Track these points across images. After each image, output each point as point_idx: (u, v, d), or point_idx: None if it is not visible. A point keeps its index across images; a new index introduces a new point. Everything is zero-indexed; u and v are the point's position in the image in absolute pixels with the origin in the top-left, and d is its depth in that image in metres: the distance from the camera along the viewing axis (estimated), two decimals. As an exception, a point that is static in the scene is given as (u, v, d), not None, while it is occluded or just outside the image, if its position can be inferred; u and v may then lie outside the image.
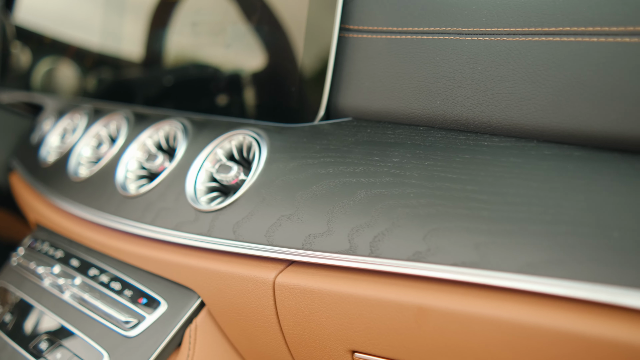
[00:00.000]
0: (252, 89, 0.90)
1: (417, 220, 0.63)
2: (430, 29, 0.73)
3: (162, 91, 1.04)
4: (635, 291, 0.49)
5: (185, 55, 1.01)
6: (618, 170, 0.57)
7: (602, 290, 0.50)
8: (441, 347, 0.61)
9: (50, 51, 1.34)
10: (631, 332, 0.49)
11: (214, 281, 0.79)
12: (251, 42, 0.90)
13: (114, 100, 1.13)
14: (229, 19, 0.92)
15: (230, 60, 0.93)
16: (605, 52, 0.59)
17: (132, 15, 1.11)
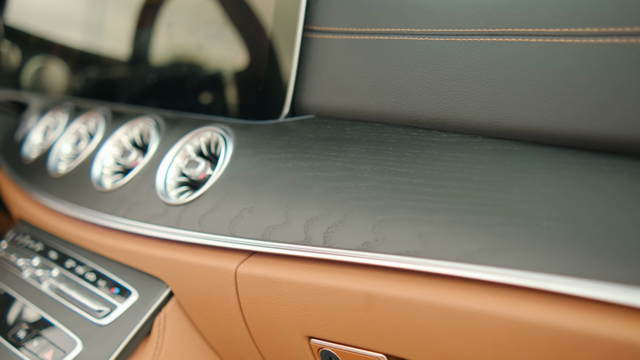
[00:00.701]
0: (222, 88, 0.93)
1: (367, 212, 0.66)
2: (386, 30, 0.76)
3: (138, 90, 1.07)
4: (561, 277, 0.52)
5: (160, 56, 1.03)
6: (551, 164, 0.59)
7: (530, 277, 0.53)
8: (387, 331, 0.63)
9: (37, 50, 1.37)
10: (555, 315, 0.52)
11: (181, 271, 0.81)
12: (221, 43, 0.93)
13: (95, 99, 1.16)
14: (200, 21, 0.95)
15: (201, 60, 0.95)
16: (542, 52, 0.62)
17: (111, 17, 1.13)
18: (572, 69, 0.59)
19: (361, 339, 0.66)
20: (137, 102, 1.06)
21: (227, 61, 0.92)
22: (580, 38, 0.59)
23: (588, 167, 0.57)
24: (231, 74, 0.91)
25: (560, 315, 0.51)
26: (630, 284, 0.48)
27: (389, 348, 0.65)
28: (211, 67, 0.94)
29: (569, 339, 0.50)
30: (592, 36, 0.59)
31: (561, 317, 0.51)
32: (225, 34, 0.92)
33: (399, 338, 0.63)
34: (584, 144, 0.59)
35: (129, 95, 1.08)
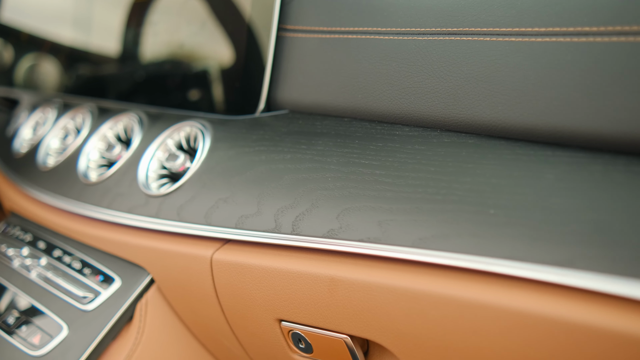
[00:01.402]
0: (201, 85, 0.96)
1: (332, 201, 0.69)
2: (354, 29, 0.79)
3: (123, 86, 1.10)
4: (504, 260, 0.55)
5: (143, 54, 1.06)
6: (501, 156, 0.63)
7: (476, 260, 0.57)
8: (350, 314, 0.67)
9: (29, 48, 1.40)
10: (498, 295, 0.55)
11: (161, 259, 0.85)
12: (200, 42, 0.96)
13: (82, 95, 1.19)
14: (182, 21, 0.98)
15: (182, 58, 0.99)
16: (494, 50, 0.65)
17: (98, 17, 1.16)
18: (520, 66, 0.63)
19: (327, 321, 0.70)
20: (122, 98, 1.09)
21: (207, 59, 0.95)
22: (529, 37, 0.63)
23: (533, 158, 0.61)
24: (210, 71, 0.94)
25: (503, 295, 0.55)
26: (565, 266, 0.51)
27: (352, 329, 0.68)
28: (191, 64, 0.97)
29: (510, 316, 0.54)
30: (539, 35, 0.62)
31: (504, 297, 0.55)
32: (205, 33, 0.95)
33: (361, 320, 0.66)
34: (531, 137, 0.63)
35: (114, 92, 1.12)
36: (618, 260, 0.49)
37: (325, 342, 0.72)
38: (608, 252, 0.49)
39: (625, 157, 0.56)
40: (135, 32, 1.07)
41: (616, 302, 0.49)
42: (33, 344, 0.89)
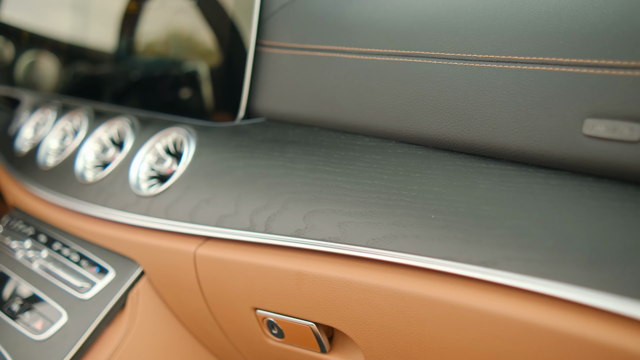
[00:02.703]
0: (187, 93, 1.04)
1: (300, 204, 0.77)
2: (322, 47, 0.87)
3: (116, 91, 1.18)
4: (440, 260, 0.63)
5: (135, 61, 1.14)
6: (444, 167, 0.71)
7: (417, 259, 0.65)
8: (315, 304, 0.75)
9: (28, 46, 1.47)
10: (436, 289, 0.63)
11: (150, 253, 0.93)
12: (186, 53, 1.04)
13: (79, 97, 1.27)
14: (169, 33, 1.06)
15: (170, 68, 1.06)
16: (439, 72, 0.73)
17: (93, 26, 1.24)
18: (461, 88, 0.71)
19: (295, 310, 0.78)
20: (115, 101, 1.17)
21: (192, 70, 1.03)
22: (468, 62, 0.71)
23: (470, 170, 0.69)
24: (195, 81, 1.02)
25: (439, 289, 0.63)
26: (488, 265, 0.60)
27: (317, 317, 0.77)
28: (178, 74, 1.05)
29: (444, 307, 0.62)
30: (477, 61, 0.70)
31: (439, 291, 0.63)
32: (191, 46, 1.03)
33: (324, 309, 0.75)
34: (469, 150, 0.71)
35: (108, 95, 1.19)
36: (531, 262, 0.57)
37: (295, 329, 0.80)
38: (524, 254, 0.58)
39: (544, 171, 0.64)
40: (127, 41, 1.15)
41: (529, 297, 0.57)
42: (35, 329, 0.98)
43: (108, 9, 1.19)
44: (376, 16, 0.82)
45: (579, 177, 0.61)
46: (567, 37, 0.63)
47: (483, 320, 0.60)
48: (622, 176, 0.58)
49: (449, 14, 0.75)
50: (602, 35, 0.60)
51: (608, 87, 0.58)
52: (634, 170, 0.56)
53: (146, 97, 1.10)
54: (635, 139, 0.56)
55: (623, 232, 0.54)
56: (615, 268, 0.52)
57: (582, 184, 0.60)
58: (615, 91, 0.58)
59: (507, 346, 0.58)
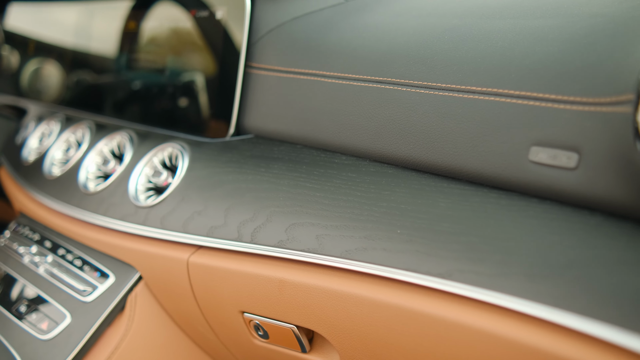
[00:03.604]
0: (182, 110, 1.11)
1: (282, 217, 0.84)
2: (304, 71, 0.94)
3: (117, 106, 1.25)
4: (403, 271, 0.70)
5: (133, 78, 1.21)
6: (411, 185, 0.78)
7: (384, 270, 0.72)
8: (295, 308, 0.83)
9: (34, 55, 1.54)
10: (399, 296, 0.71)
11: (147, 260, 1.01)
12: (181, 73, 1.11)
13: (82, 109, 1.34)
14: (165, 53, 1.13)
15: (166, 85, 1.13)
16: (408, 99, 0.80)
17: (94, 41, 1.31)
18: (426, 114, 0.78)
19: (278, 314, 0.86)
20: (115, 115, 1.24)
21: (187, 88, 1.10)
22: (433, 90, 0.77)
23: (433, 189, 0.76)
24: (189, 99, 1.09)
25: (403, 297, 0.70)
26: (444, 277, 0.67)
27: (297, 320, 0.84)
28: (174, 91, 1.12)
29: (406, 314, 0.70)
30: (440, 89, 0.77)
31: (403, 299, 0.70)
32: (186, 66, 1.10)
33: (303, 313, 0.82)
34: (433, 170, 0.78)
35: (108, 109, 1.27)
36: (480, 274, 0.64)
37: (278, 331, 0.88)
38: (474, 268, 0.65)
39: (497, 192, 0.71)
40: (127, 58, 1.22)
41: (479, 306, 0.65)
42: (41, 329, 1.05)
43: (107, 27, 1.26)
44: (353, 43, 0.89)
45: (526, 198, 0.68)
46: (518, 71, 0.70)
47: (439, 326, 0.67)
48: (560, 198, 0.65)
49: (418, 44, 0.82)
50: (547, 71, 0.67)
51: (551, 118, 0.65)
52: (570, 194, 0.63)
53: (144, 112, 1.18)
54: (572, 166, 0.63)
55: (558, 249, 0.61)
56: (550, 281, 0.59)
57: (528, 204, 0.67)
58: (556, 123, 0.65)
59: (460, 349, 0.66)
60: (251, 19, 1.01)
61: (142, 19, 1.18)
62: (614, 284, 0.56)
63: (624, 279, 0.55)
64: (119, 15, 1.24)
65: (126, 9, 1.23)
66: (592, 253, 0.59)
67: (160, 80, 1.13)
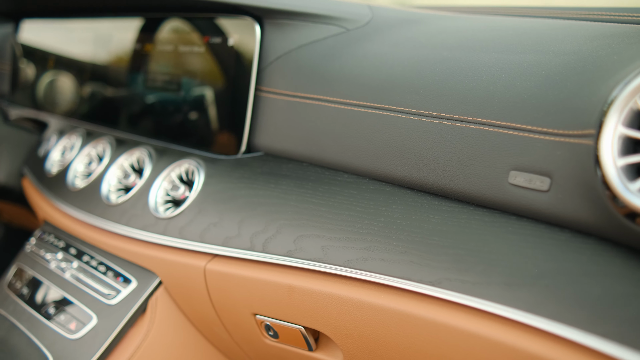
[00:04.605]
0: (197, 128, 1.20)
1: (291, 229, 0.93)
2: (311, 95, 1.03)
3: (136, 123, 1.34)
4: (399, 279, 0.79)
5: (153, 98, 1.30)
6: (406, 202, 0.87)
7: (382, 278, 0.81)
8: (303, 311, 0.92)
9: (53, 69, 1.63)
10: (397, 301, 0.80)
11: (167, 267, 1.10)
12: (196, 94, 1.20)
13: (101, 124, 1.43)
14: (182, 75, 1.22)
15: (183, 106, 1.22)
16: (402, 125, 0.89)
17: (114, 61, 1.40)
18: (418, 139, 0.87)
19: (287, 316, 0.95)
20: (136, 132, 1.33)
21: (202, 108, 1.19)
22: (425, 118, 0.86)
23: (426, 205, 0.85)
24: (204, 118, 1.18)
25: (398, 302, 0.79)
26: (435, 285, 0.76)
27: (304, 322, 0.93)
28: (190, 112, 1.21)
29: (400, 316, 0.79)
30: (431, 117, 0.85)
31: (398, 303, 0.79)
32: (200, 88, 1.19)
33: (310, 316, 0.91)
34: (425, 189, 0.87)
35: (130, 126, 1.36)
36: (466, 283, 0.73)
37: (287, 331, 0.97)
38: (460, 277, 0.74)
39: (481, 210, 0.80)
40: (145, 77, 1.31)
41: (464, 310, 0.74)
42: (70, 329, 1.14)
43: (126, 47, 1.35)
44: (355, 72, 0.98)
45: (506, 216, 0.77)
46: (500, 103, 0.79)
47: (430, 327, 0.76)
48: (536, 217, 0.74)
49: (412, 75, 0.91)
50: (525, 104, 0.76)
51: (527, 147, 0.74)
52: (544, 213, 0.72)
53: (162, 129, 1.27)
54: (545, 189, 0.72)
55: (533, 261, 0.70)
56: (525, 289, 0.68)
57: (507, 221, 0.76)
58: (531, 151, 0.74)
59: (448, 347, 0.75)
60: (260, 46, 1.09)
61: (158, 41, 1.27)
62: (578, 292, 0.65)
63: (586, 288, 0.64)
64: (136, 36, 1.33)
65: (143, 31, 1.31)
66: (561, 265, 0.68)
67: (177, 100, 1.22)
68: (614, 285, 0.63)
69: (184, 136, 1.20)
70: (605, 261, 0.66)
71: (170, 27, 1.25)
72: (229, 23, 1.12)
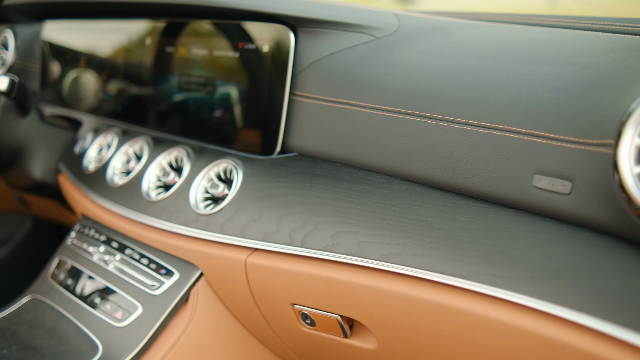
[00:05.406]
0: (235, 129, 1.28)
1: (328, 226, 1.02)
2: (344, 100, 1.11)
3: (174, 123, 1.42)
4: (432, 272, 0.88)
5: (189, 98, 1.38)
6: (436, 202, 0.95)
7: (415, 271, 0.89)
8: (339, 301, 1.00)
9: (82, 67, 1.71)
10: (429, 292, 0.88)
11: (209, 260, 1.18)
12: (233, 97, 1.28)
13: (135, 123, 1.51)
14: (218, 78, 1.30)
15: (220, 108, 1.31)
16: (432, 130, 0.97)
17: (150, 63, 1.48)
18: (448, 143, 0.94)
19: (324, 305, 1.03)
20: (174, 132, 1.42)
21: (239, 111, 1.27)
22: (454, 124, 0.94)
23: (456, 205, 0.93)
24: (242, 120, 1.27)
25: (431, 293, 0.88)
26: (465, 278, 0.84)
27: (340, 311, 1.02)
28: (228, 114, 1.29)
29: (434, 306, 0.87)
30: (460, 124, 0.93)
31: (431, 294, 0.88)
32: (238, 92, 1.27)
33: (346, 305, 1.00)
34: (454, 190, 0.95)
35: (168, 126, 1.44)
36: (494, 276, 0.82)
37: (324, 319, 1.05)
38: (489, 271, 0.82)
39: (507, 210, 0.88)
40: (181, 80, 1.39)
41: (492, 301, 0.82)
42: (117, 318, 1.23)
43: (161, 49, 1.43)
44: (385, 79, 1.06)
45: (530, 215, 0.85)
46: (524, 112, 0.87)
47: (461, 316, 0.84)
48: (558, 217, 0.82)
49: (441, 83, 0.99)
50: (548, 114, 0.84)
51: (550, 153, 0.82)
52: (565, 214, 0.81)
53: (201, 130, 1.35)
54: (566, 192, 0.80)
55: (555, 258, 0.78)
56: (549, 283, 0.77)
57: (532, 221, 0.84)
58: (554, 157, 0.82)
59: (477, 334, 0.83)
60: (294, 53, 1.17)
61: (192, 44, 1.35)
62: (597, 286, 0.73)
63: (604, 282, 0.73)
64: (170, 38, 1.40)
65: (177, 34, 1.39)
66: (581, 261, 0.76)
67: (213, 102, 1.30)
68: (629, 279, 0.71)
69: (221, 136, 1.29)
70: (621, 258, 0.74)
71: (204, 31, 1.33)
72: (264, 30, 1.20)
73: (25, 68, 1.97)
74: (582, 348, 0.72)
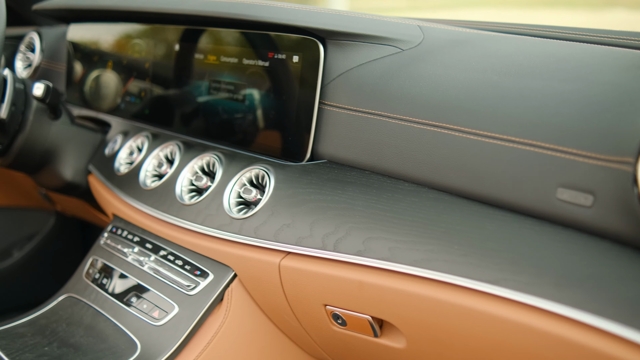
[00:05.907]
0: (265, 136, 1.35)
1: (359, 232, 1.09)
2: (372, 111, 1.17)
3: (207, 128, 1.49)
4: (461, 277, 0.95)
5: (220, 104, 1.45)
6: (464, 211, 1.02)
7: (444, 276, 0.96)
8: (371, 303, 1.07)
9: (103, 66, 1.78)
10: (457, 296, 0.95)
11: (243, 262, 1.26)
12: (264, 105, 1.35)
13: (167, 128, 1.58)
14: (245, 85, 1.37)
15: (248, 114, 1.37)
16: (458, 142, 1.03)
17: (180, 69, 1.55)
18: (471, 155, 1.00)
19: (356, 307, 1.11)
20: (207, 137, 1.48)
21: (270, 119, 1.34)
22: (477, 136, 1.00)
23: (482, 214, 1.00)
24: (273, 127, 1.33)
25: (460, 297, 0.95)
26: (493, 284, 0.91)
27: (372, 312, 1.09)
28: (258, 120, 1.36)
29: (462, 310, 0.94)
30: (482, 136, 0.99)
31: (460, 298, 0.95)
32: (269, 101, 1.34)
33: (377, 307, 1.07)
34: (481, 199, 1.01)
35: (201, 132, 1.50)
36: (520, 283, 0.89)
37: (355, 320, 1.13)
38: (515, 277, 0.89)
39: (531, 220, 0.95)
40: (211, 86, 1.46)
41: (518, 305, 0.89)
42: (154, 317, 1.31)
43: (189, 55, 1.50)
44: (412, 92, 1.12)
45: (553, 226, 0.92)
46: (548, 127, 0.93)
47: (489, 319, 0.92)
48: (580, 228, 0.89)
49: (466, 97, 1.05)
50: (570, 130, 0.91)
51: (573, 167, 0.89)
52: (587, 225, 0.87)
53: (233, 136, 1.42)
54: (588, 205, 0.87)
55: (577, 266, 0.85)
56: (572, 290, 0.84)
57: (555, 231, 0.91)
58: (577, 171, 0.88)
59: (504, 336, 0.90)
60: (323, 64, 1.24)
61: (223, 52, 1.42)
62: (617, 293, 0.80)
63: (624, 290, 0.80)
64: (200, 45, 1.47)
65: (208, 42, 1.46)
66: (602, 270, 0.83)
67: (243, 109, 1.37)
68: (648, 288, 0.78)
69: (252, 142, 1.35)
70: (640, 267, 0.81)
71: (234, 39, 1.40)
72: (294, 42, 1.26)
73: (51, 69, 2.04)
74: (604, 351, 0.79)
